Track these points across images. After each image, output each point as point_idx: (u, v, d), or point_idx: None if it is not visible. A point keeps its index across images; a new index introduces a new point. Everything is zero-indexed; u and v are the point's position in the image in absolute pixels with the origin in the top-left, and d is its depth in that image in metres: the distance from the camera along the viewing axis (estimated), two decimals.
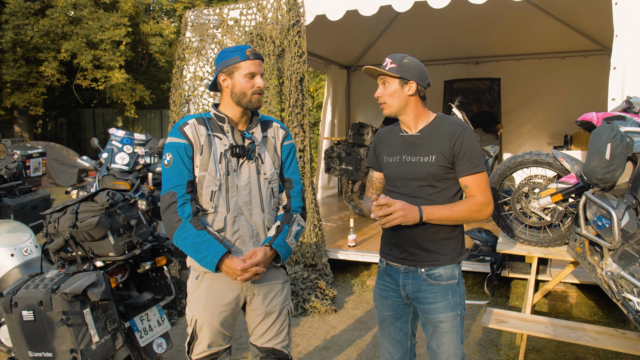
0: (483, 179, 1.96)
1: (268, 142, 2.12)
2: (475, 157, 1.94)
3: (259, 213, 2.06)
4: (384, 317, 2.14)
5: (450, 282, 2.00)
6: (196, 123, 2.01)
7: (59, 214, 2.32)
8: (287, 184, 2.17)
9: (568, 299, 4.17)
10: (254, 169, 2.05)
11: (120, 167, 4.30)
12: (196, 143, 1.98)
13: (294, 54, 4.68)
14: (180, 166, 1.96)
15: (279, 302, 2.13)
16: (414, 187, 2.00)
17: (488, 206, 1.95)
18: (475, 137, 1.97)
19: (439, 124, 2.01)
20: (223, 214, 2.00)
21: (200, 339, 2.07)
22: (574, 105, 7.13)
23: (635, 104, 2.76)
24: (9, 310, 2.13)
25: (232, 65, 1.98)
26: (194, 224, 1.93)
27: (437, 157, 1.96)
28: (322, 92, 11.27)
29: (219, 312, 2.04)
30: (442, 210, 1.91)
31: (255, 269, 1.94)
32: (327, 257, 4.82)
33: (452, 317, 1.99)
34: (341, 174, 6.73)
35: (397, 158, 2.05)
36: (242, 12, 5.02)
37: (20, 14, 12.85)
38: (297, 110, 4.70)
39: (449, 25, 6.92)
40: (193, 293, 2.08)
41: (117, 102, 15.39)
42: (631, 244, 2.34)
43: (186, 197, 1.95)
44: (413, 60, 2.00)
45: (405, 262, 2.04)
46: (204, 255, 1.92)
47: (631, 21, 3.67)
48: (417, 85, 1.97)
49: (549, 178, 3.35)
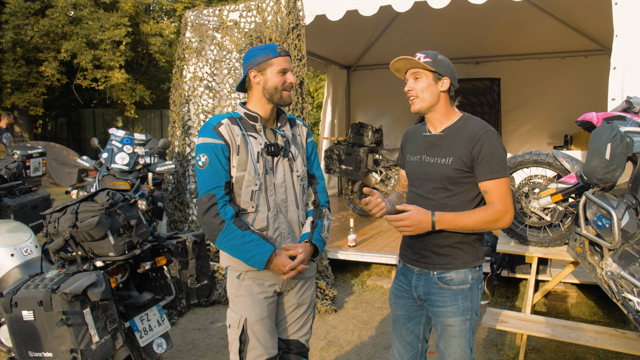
0: (504, 185, 1.88)
1: (296, 139, 2.15)
2: (495, 162, 1.86)
3: (295, 210, 2.09)
4: (397, 317, 2.14)
5: (462, 287, 1.96)
6: (230, 123, 2.00)
7: (59, 214, 2.32)
8: (313, 180, 2.22)
9: (568, 299, 4.17)
10: (287, 167, 2.07)
11: (120, 167, 4.30)
12: (232, 143, 1.97)
13: (294, 57, 4.69)
14: (217, 167, 1.95)
15: (310, 294, 2.17)
16: (429, 188, 1.97)
17: (507, 214, 1.87)
18: (498, 140, 1.90)
19: (462, 125, 1.95)
20: (264, 213, 2.01)
21: (254, 340, 2.00)
22: (574, 105, 7.14)
23: (635, 104, 2.76)
24: (9, 310, 2.13)
25: (265, 62, 1.99)
26: (238, 225, 1.93)
27: (454, 159, 1.91)
28: (322, 92, 11.28)
29: (266, 304, 2.03)
30: (457, 221, 1.85)
31: (302, 267, 1.99)
32: (328, 259, 4.82)
33: (460, 322, 1.95)
34: (341, 174, 6.73)
35: (417, 157, 2.03)
36: (241, 14, 5.01)
37: (20, 14, 12.84)
38: (297, 113, 4.71)
39: (449, 25, 6.93)
40: (237, 293, 2.05)
41: (117, 102, 15.39)
42: (631, 244, 2.33)
43: (226, 199, 1.95)
44: (445, 57, 1.96)
45: (418, 263, 2.02)
46: (253, 255, 1.93)
47: (631, 21, 3.67)
48: (450, 83, 1.93)
49: (549, 178, 3.35)
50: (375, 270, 5.23)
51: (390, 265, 5.03)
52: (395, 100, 8.45)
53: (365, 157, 6.47)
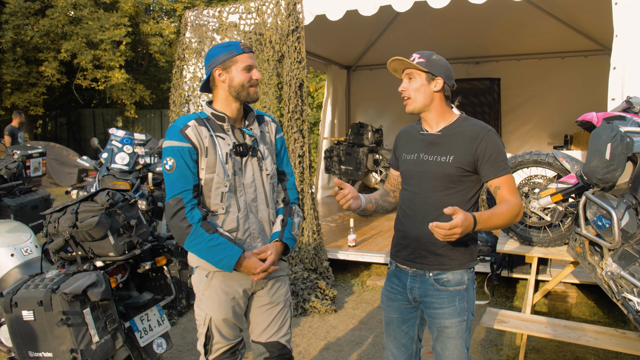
0: (512, 181, 1.92)
1: (265, 137, 2.13)
2: (501, 160, 1.89)
3: (265, 209, 2.08)
4: (391, 320, 2.12)
5: (458, 288, 1.96)
6: (197, 124, 1.97)
7: (59, 214, 2.32)
8: (282, 177, 2.19)
9: (568, 299, 4.17)
10: (256, 166, 2.05)
11: (120, 167, 4.31)
12: (200, 145, 1.95)
13: (294, 60, 4.68)
14: (184, 171, 1.93)
15: (283, 292, 2.15)
16: (427, 186, 1.96)
17: (522, 207, 1.90)
18: (499, 139, 1.93)
19: (461, 125, 1.96)
20: (235, 214, 2.00)
21: (218, 336, 2.05)
22: (574, 105, 7.14)
23: (635, 104, 2.76)
24: (9, 310, 2.13)
25: (229, 60, 1.97)
26: (205, 228, 1.92)
27: (455, 157, 1.91)
28: (322, 92, 11.28)
29: (232, 305, 2.05)
30: (491, 220, 1.80)
31: (272, 268, 1.99)
32: (328, 261, 4.81)
33: (457, 323, 1.95)
34: (341, 174, 6.73)
35: (414, 156, 2.01)
36: (241, 16, 5.01)
37: (20, 14, 12.84)
38: (296, 115, 4.70)
39: (449, 25, 6.93)
40: (204, 292, 2.06)
41: (117, 102, 15.39)
42: (631, 244, 2.33)
43: (194, 202, 1.94)
44: (441, 57, 1.96)
45: (413, 264, 2.00)
46: (221, 258, 1.92)
47: (631, 21, 3.67)
48: (443, 82, 1.93)
49: (549, 178, 3.35)
50: (375, 270, 5.23)
51: None
52: (395, 101, 8.38)
53: (365, 157, 6.47)
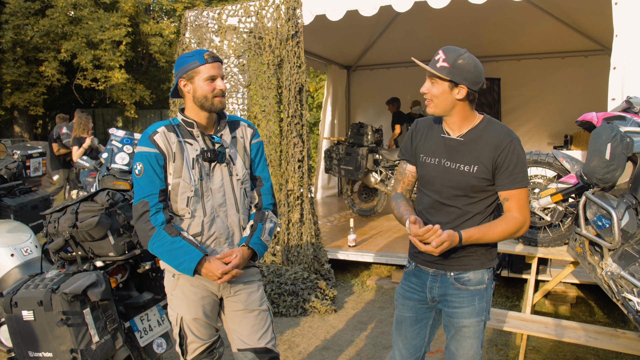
0: (524, 195, 1.85)
1: (237, 142, 2.13)
2: (519, 172, 1.83)
3: (235, 214, 2.08)
4: (404, 319, 2.09)
5: (479, 287, 1.94)
6: (166, 131, 2.00)
7: (59, 214, 2.32)
8: (257, 182, 2.19)
9: (568, 299, 4.17)
10: (226, 172, 2.06)
11: (120, 167, 4.31)
12: (168, 151, 1.98)
13: (293, 64, 4.68)
14: (151, 175, 1.96)
15: (257, 297, 2.14)
16: (449, 194, 1.91)
17: (525, 224, 1.85)
18: (522, 149, 1.85)
19: (484, 129, 1.87)
20: (200, 218, 2.01)
21: (191, 336, 2.07)
22: (574, 105, 7.14)
23: (635, 104, 2.76)
24: (9, 310, 2.13)
25: (192, 70, 1.98)
26: (168, 231, 1.94)
27: (479, 168, 1.85)
28: (322, 92, 11.27)
29: (202, 305, 2.06)
30: (481, 233, 1.82)
31: (235, 271, 1.98)
32: (329, 264, 4.81)
33: (476, 323, 1.93)
34: (341, 174, 6.73)
35: (435, 160, 1.93)
36: (240, 19, 5.01)
37: (20, 14, 12.85)
38: (296, 120, 4.70)
39: (449, 25, 6.93)
40: (172, 292, 2.08)
41: (117, 102, 15.40)
42: (631, 244, 2.33)
43: (158, 206, 1.96)
44: (469, 60, 1.79)
45: (434, 265, 1.97)
46: (181, 261, 1.93)
47: (631, 21, 3.67)
48: (467, 90, 1.81)
49: (549, 178, 3.35)
50: (375, 270, 5.23)
51: (390, 265, 5.04)
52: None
53: (365, 157, 6.47)
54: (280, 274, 4.41)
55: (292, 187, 4.72)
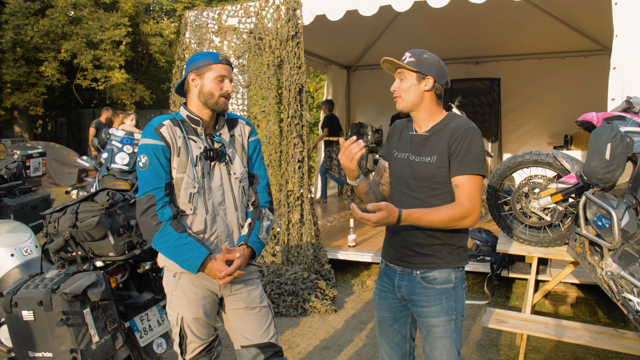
0: (475, 183, 1.85)
1: (235, 140, 2.14)
2: (470, 159, 1.85)
3: (233, 212, 2.10)
4: (383, 319, 2.11)
5: (445, 286, 1.94)
6: (171, 124, 2.01)
7: (59, 214, 2.32)
8: (254, 180, 2.20)
9: (568, 299, 4.17)
10: (225, 171, 2.08)
11: (120, 167, 4.31)
12: (173, 144, 1.98)
13: (293, 65, 4.68)
14: (157, 168, 1.96)
15: (256, 295, 2.15)
16: (414, 186, 1.96)
17: (473, 213, 1.82)
18: (477, 138, 1.88)
19: (446, 124, 1.95)
20: (202, 216, 2.02)
21: (191, 335, 2.08)
22: (574, 105, 7.14)
23: (635, 104, 2.76)
24: (9, 310, 2.13)
25: (204, 67, 2.01)
26: (175, 227, 1.94)
27: (437, 157, 1.91)
28: (322, 92, 11.28)
29: (203, 304, 2.07)
30: (422, 213, 1.79)
31: (238, 273, 1.99)
32: (330, 264, 4.81)
33: (445, 322, 1.93)
34: (341, 174, 6.73)
35: (404, 155, 2.02)
36: (240, 20, 5.01)
37: (20, 14, 12.84)
38: (296, 120, 4.70)
39: (449, 25, 6.93)
40: (173, 292, 2.08)
41: (117, 102, 15.39)
42: (631, 244, 2.33)
43: (165, 200, 1.96)
44: (433, 56, 1.95)
45: (401, 263, 2.01)
46: (186, 258, 1.94)
47: (631, 21, 3.67)
48: (434, 82, 1.92)
49: (549, 178, 3.35)
50: (375, 270, 5.23)
51: None
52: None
53: (365, 157, 6.47)
54: (280, 274, 4.41)
55: (292, 188, 4.72)
